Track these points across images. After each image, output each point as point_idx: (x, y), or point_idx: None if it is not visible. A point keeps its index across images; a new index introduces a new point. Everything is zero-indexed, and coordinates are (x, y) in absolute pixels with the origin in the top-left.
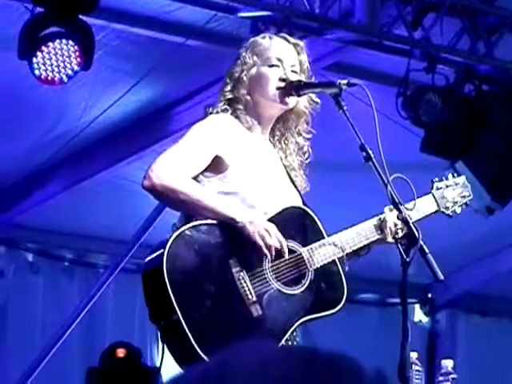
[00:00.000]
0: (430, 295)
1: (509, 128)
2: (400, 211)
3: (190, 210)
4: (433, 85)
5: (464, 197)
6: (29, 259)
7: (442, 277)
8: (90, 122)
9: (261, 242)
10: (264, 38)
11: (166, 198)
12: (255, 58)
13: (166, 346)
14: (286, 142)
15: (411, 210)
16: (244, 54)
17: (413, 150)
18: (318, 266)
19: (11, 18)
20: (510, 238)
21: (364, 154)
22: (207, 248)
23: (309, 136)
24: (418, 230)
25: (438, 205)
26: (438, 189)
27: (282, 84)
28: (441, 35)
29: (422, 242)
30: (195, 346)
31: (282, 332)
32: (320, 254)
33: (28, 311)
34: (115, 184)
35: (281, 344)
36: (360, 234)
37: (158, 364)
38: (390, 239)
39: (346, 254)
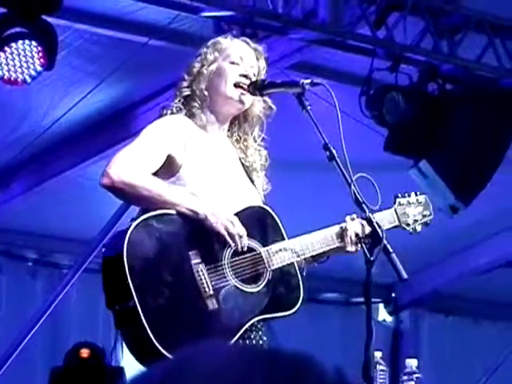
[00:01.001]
0: (393, 294)
1: (472, 127)
2: (363, 210)
3: (151, 204)
4: (396, 84)
5: (425, 216)
6: None
7: (405, 276)
8: (53, 122)
9: (224, 231)
10: (226, 37)
11: (126, 194)
12: (216, 53)
13: (120, 334)
14: (246, 143)
15: (375, 210)
16: (205, 50)
17: (376, 149)
18: (277, 266)
19: None
20: (473, 238)
21: (327, 153)
22: (168, 238)
23: (262, 143)
24: (381, 229)
25: (399, 220)
26: (400, 204)
27: (244, 79)
28: (404, 34)
29: (385, 241)
30: (149, 332)
31: (237, 328)
32: (279, 255)
33: None
34: (79, 183)
35: (235, 340)
36: (320, 240)
37: (111, 351)
38: (349, 248)
39: (304, 259)
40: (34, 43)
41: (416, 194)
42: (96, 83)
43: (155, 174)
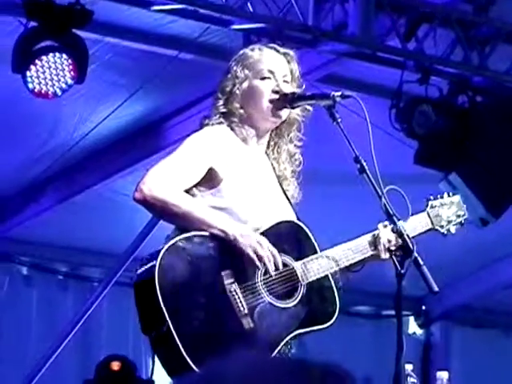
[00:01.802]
0: (424, 307)
1: (503, 140)
2: (394, 223)
3: (180, 222)
4: (426, 96)
5: (459, 216)
6: (23, 272)
7: (436, 288)
8: (83, 136)
9: (253, 255)
10: (253, 50)
11: (157, 209)
12: (246, 71)
13: (157, 358)
14: (279, 150)
15: (405, 222)
16: (235, 67)
17: (406, 161)
18: (311, 280)
19: (5, 32)
20: (504, 250)
21: (358, 165)
22: (200, 259)
23: (300, 144)
24: (412, 242)
25: (432, 223)
26: (432, 207)
27: (276, 96)
28: (434, 46)
29: (416, 254)
30: (185, 356)
31: (274, 345)
32: (313, 268)
33: (22, 324)
34: (109, 197)
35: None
36: (354, 249)
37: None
38: (383, 256)
39: (339, 270)
40: (64, 56)
41: (449, 195)
42: (126, 97)
43: (196, 185)
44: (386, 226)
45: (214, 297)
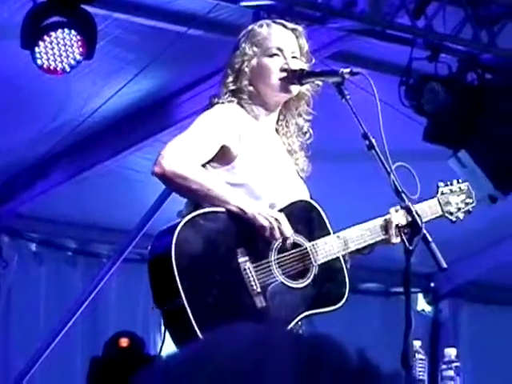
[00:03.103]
0: (432, 284)
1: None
2: (403, 200)
3: (199, 198)
4: (435, 74)
5: (467, 204)
6: (32, 249)
7: (445, 265)
8: (92, 112)
9: (269, 232)
10: (261, 26)
11: (176, 185)
12: (255, 48)
13: (168, 332)
14: (287, 124)
15: (414, 199)
16: (243, 44)
17: (415, 138)
18: (323, 261)
19: (14, 8)
20: (509, 228)
21: (367, 142)
22: (216, 236)
23: (309, 117)
24: (421, 219)
25: (442, 209)
26: (442, 193)
27: (284, 74)
28: (443, 24)
29: (425, 231)
30: (198, 332)
31: (285, 324)
32: (325, 249)
33: (31, 300)
34: (118, 173)
35: None
36: (365, 233)
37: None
38: (394, 240)
39: (350, 252)
40: (73, 32)
41: (458, 182)
42: (135, 73)
43: (209, 162)
44: (397, 211)
45: (228, 274)
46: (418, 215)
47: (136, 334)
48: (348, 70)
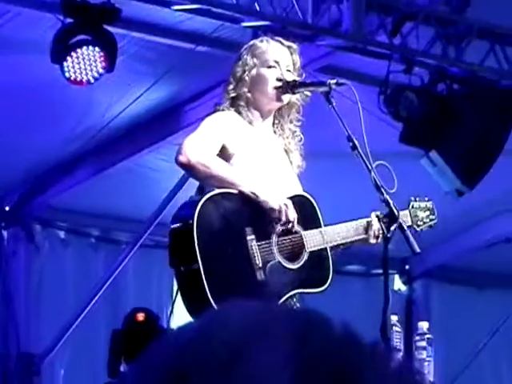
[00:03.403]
0: (407, 267)
1: (475, 122)
2: (382, 193)
3: (217, 183)
4: (410, 84)
5: (431, 220)
6: (61, 236)
7: (418, 250)
8: (113, 118)
9: (277, 213)
10: (262, 41)
11: (199, 172)
12: (255, 60)
13: (180, 291)
14: (283, 127)
15: (392, 192)
16: (245, 56)
17: (393, 140)
18: (313, 249)
19: (45, 27)
20: (475, 218)
21: (351, 144)
22: (230, 214)
23: (298, 123)
24: (397, 210)
25: (411, 220)
26: (413, 207)
27: (279, 83)
28: (417, 41)
29: (401, 220)
30: (208, 292)
31: (277, 298)
32: (316, 239)
33: (60, 281)
34: (135, 171)
35: None
36: (349, 230)
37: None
38: (371, 240)
39: (334, 245)
40: (96, 49)
41: (425, 200)
42: (150, 84)
43: None
44: (377, 216)
45: (237, 247)
46: (395, 207)
47: (151, 309)
48: (334, 81)
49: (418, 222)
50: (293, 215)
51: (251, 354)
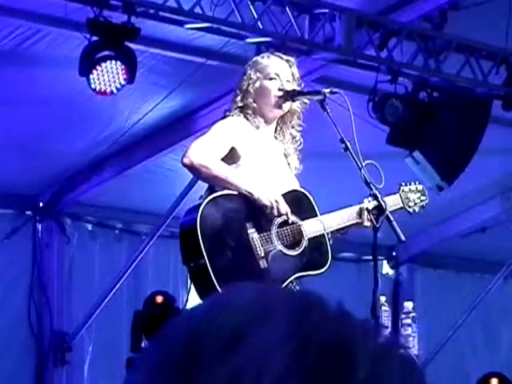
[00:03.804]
0: (394, 253)
1: (454, 126)
2: (371, 189)
3: (217, 183)
4: (395, 93)
5: (422, 200)
6: (88, 228)
7: (403, 238)
8: (133, 124)
9: (269, 209)
10: (263, 57)
11: (201, 173)
12: (258, 73)
13: (193, 285)
14: (284, 133)
15: (380, 187)
16: (249, 71)
17: (381, 142)
18: (311, 236)
19: (74, 45)
20: (455, 209)
21: (343, 145)
22: (231, 212)
23: (299, 128)
24: (385, 203)
25: (402, 203)
26: (403, 191)
27: (280, 93)
28: (401, 54)
29: (388, 212)
30: (216, 285)
31: (280, 283)
32: (314, 227)
33: (88, 268)
34: (153, 171)
35: None
36: (344, 216)
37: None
38: (366, 224)
39: (331, 231)
40: (119, 63)
41: (415, 183)
42: (166, 94)
43: (222, 160)
44: (369, 201)
45: (239, 241)
46: (383, 201)
47: (168, 292)
48: (328, 91)
49: (410, 203)
50: (284, 209)
51: (252, 333)
